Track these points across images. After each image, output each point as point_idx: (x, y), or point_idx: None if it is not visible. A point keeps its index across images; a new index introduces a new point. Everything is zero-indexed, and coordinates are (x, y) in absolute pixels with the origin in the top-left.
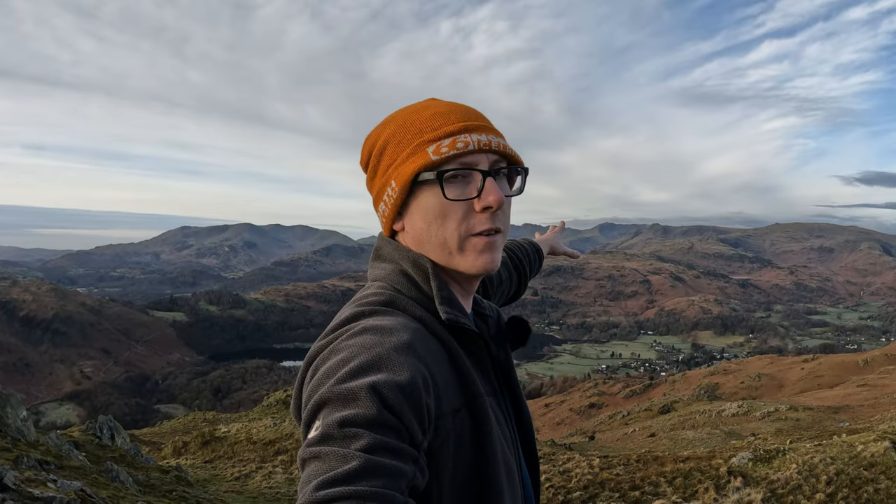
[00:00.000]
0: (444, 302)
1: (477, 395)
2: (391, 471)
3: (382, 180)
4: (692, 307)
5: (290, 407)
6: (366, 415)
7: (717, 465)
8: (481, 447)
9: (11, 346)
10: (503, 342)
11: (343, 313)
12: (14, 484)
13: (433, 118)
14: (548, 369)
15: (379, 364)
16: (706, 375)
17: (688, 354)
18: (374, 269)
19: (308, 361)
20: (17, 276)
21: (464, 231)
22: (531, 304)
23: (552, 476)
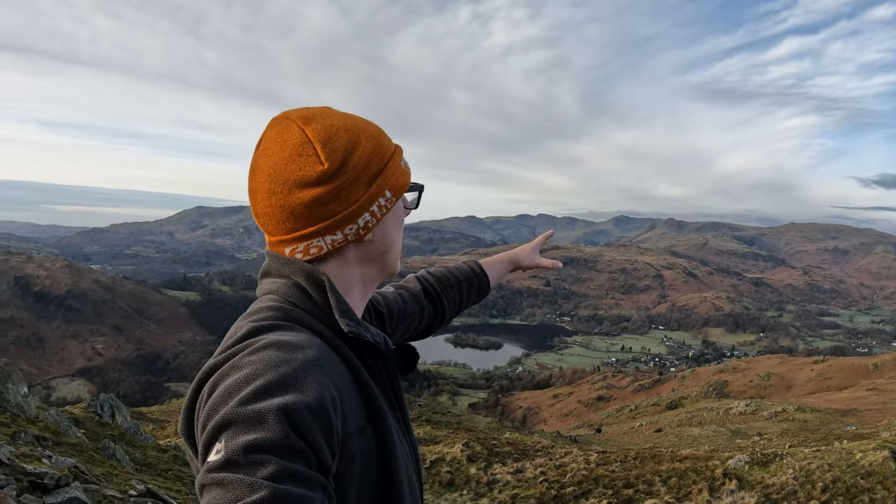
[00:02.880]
0: (344, 315)
1: (381, 412)
2: (299, 500)
3: (374, 189)
4: (704, 304)
5: (179, 427)
6: (274, 440)
7: (714, 466)
8: (387, 464)
9: (24, 321)
10: (393, 368)
11: (238, 329)
12: (8, 459)
13: (383, 134)
14: (557, 360)
15: (287, 383)
16: (715, 373)
17: (698, 351)
18: (264, 285)
19: (202, 377)
20: (32, 251)
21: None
22: (542, 295)
23: (547, 470)
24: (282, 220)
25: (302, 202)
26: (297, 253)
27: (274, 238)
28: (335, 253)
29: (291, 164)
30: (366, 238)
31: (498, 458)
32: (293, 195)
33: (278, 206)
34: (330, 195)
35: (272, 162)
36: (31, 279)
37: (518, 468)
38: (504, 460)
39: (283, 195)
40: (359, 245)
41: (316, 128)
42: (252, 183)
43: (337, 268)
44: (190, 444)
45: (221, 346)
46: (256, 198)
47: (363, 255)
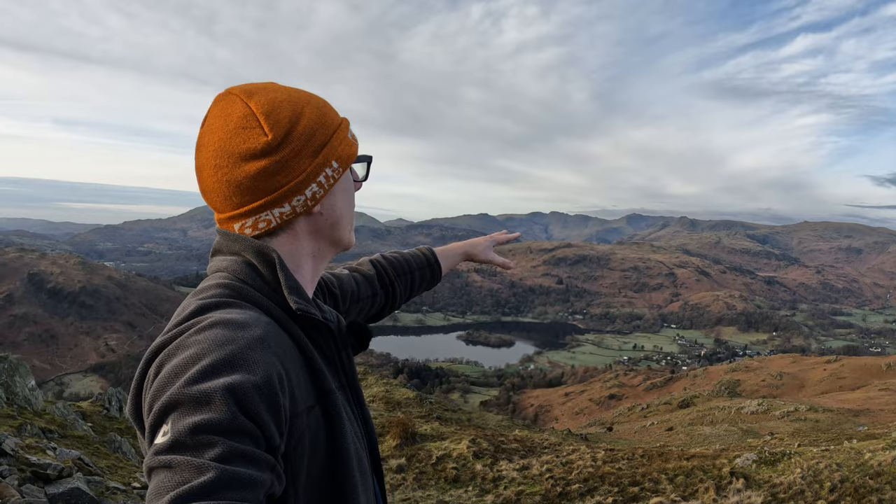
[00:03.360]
0: (293, 292)
1: (330, 392)
2: (248, 481)
3: (320, 160)
4: (717, 302)
5: (127, 409)
6: (221, 420)
7: (721, 465)
8: (336, 444)
9: (38, 317)
10: (346, 346)
11: (186, 307)
12: (12, 450)
13: (328, 106)
14: (569, 358)
15: (233, 362)
16: (727, 372)
17: (710, 350)
18: (214, 262)
19: (149, 357)
20: (46, 248)
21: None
22: (555, 293)
23: (553, 467)
24: (229, 195)
25: (247, 175)
26: (246, 228)
27: (222, 214)
28: (285, 227)
29: (235, 138)
30: (314, 210)
31: (504, 454)
32: (238, 169)
33: (224, 180)
34: (275, 167)
35: (216, 137)
36: (45, 276)
37: (524, 465)
38: (510, 457)
39: (228, 169)
40: (308, 218)
41: (259, 100)
42: (198, 160)
43: (287, 242)
44: (138, 425)
45: (169, 324)
46: (203, 174)
47: (313, 227)
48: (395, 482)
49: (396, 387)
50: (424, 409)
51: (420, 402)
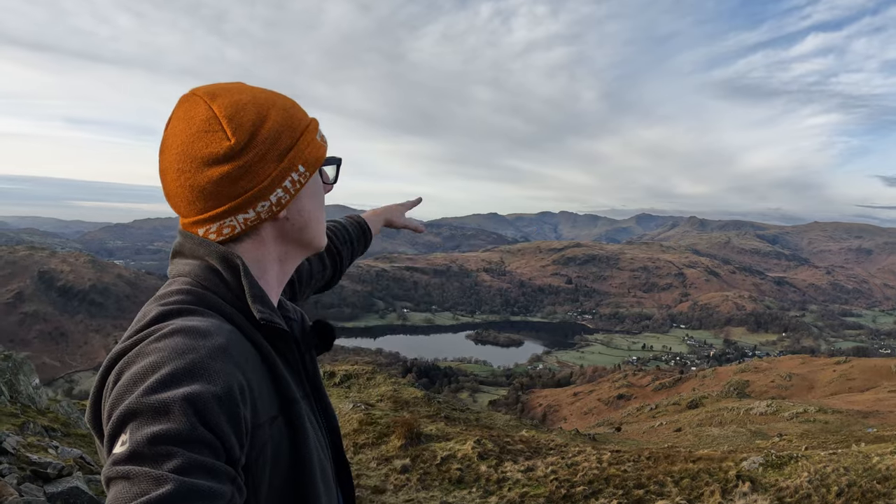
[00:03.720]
0: (256, 301)
1: (293, 401)
2: (208, 493)
3: (285, 164)
4: (726, 302)
5: (87, 416)
6: (179, 431)
7: (727, 467)
8: (298, 454)
9: (48, 315)
10: (309, 346)
11: (148, 313)
12: (13, 449)
13: (296, 108)
14: (578, 358)
15: (193, 372)
16: (737, 372)
17: (719, 350)
18: (176, 266)
19: (108, 365)
20: (56, 247)
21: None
22: (564, 293)
23: (559, 469)
24: (192, 199)
25: (210, 180)
26: (210, 234)
27: (186, 219)
28: (250, 232)
29: (198, 142)
30: (280, 215)
31: (510, 455)
32: (201, 173)
33: (187, 185)
34: (238, 172)
35: (179, 140)
36: (55, 274)
37: (529, 466)
38: (516, 458)
39: (191, 174)
40: (274, 223)
41: (222, 103)
42: (161, 163)
43: (253, 248)
44: (97, 433)
45: (129, 330)
46: (166, 178)
47: (280, 232)
48: (399, 483)
49: (405, 386)
50: (432, 408)
51: (428, 402)
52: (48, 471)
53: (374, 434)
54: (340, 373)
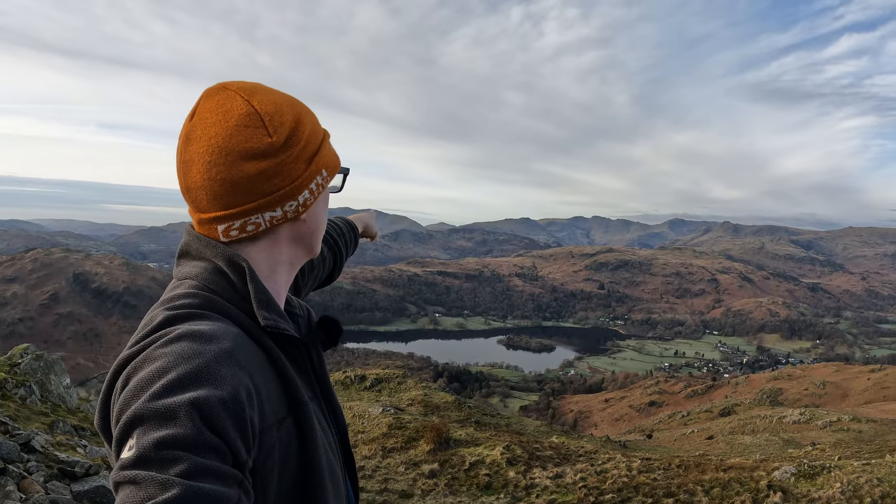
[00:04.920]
0: (262, 306)
1: (301, 403)
2: (214, 497)
3: (314, 167)
4: (760, 309)
5: (95, 421)
6: (186, 436)
7: (759, 477)
8: (307, 456)
9: (83, 316)
10: (316, 343)
11: (154, 318)
12: (42, 447)
13: (315, 115)
14: (610, 364)
15: (199, 377)
16: (769, 380)
17: (752, 357)
18: (182, 267)
19: (116, 370)
20: (91, 249)
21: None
22: (596, 298)
23: (587, 476)
24: (220, 193)
25: (245, 175)
26: (232, 230)
27: (207, 214)
28: (269, 231)
29: (237, 135)
30: (301, 217)
31: (538, 461)
32: (237, 167)
33: (219, 178)
34: (275, 169)
35: (214, 132)
36: (90, 276)
37: (558, 473)
38: (544, 465)
39: (225, 167)
40: (293, 224)
41: (262, 100)
42: (185, 154)
43: (267, 247)
44: (106, 438)
45: (136, 334)
46: (190, 170)
47: (295, 234)
48: (426, 487)
49: (435, 391)
50: (463, 413)
51: (458, 407)
52: (75, 469)
53: (402, 438)
54: (371, 377)
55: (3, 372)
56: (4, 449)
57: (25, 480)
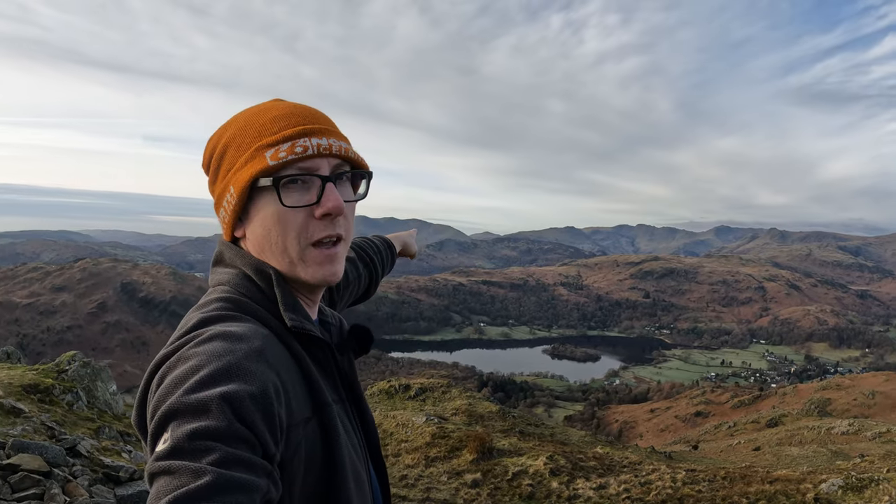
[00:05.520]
0: (288, 308)
1: (325, 404)
2: (245, 486)
3: (222, 185)
4: (807, 317)
5: (133, 418)
6: (217, 427)
7: (805, 489)
8: (331, 457)
9: (130, 325)
10: (347, 351)
11: (189, 320)
12: (87, 452)
13: (273, 121)
14: (655, 374)
15: (230, 373)
16: (818, 390)
17: (800, 366)
18: (216, 274)
19: (153, 369)
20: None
21: (304, 240)
22: (641, 307)
23: (631, 487)
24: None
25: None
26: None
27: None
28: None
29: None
30: (236, 234)
31: (582, 472)
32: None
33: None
34: (211, 187)
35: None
36: (137, 285)
37: (601, 484)
38: (588, 475)
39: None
40: (245, 241)
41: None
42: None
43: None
44: (142, 434)
45: (172, 336)
46: (213, 191)
47: (254, 251)
48: (469, 497)
49: (480, 400)
50: (507, 423)
51: (503, 416)
52: (119, 474)
53: (445, 448)
54: (416, 386)
55: (51, 378)
56: (50, 453)
57: (70, 484)
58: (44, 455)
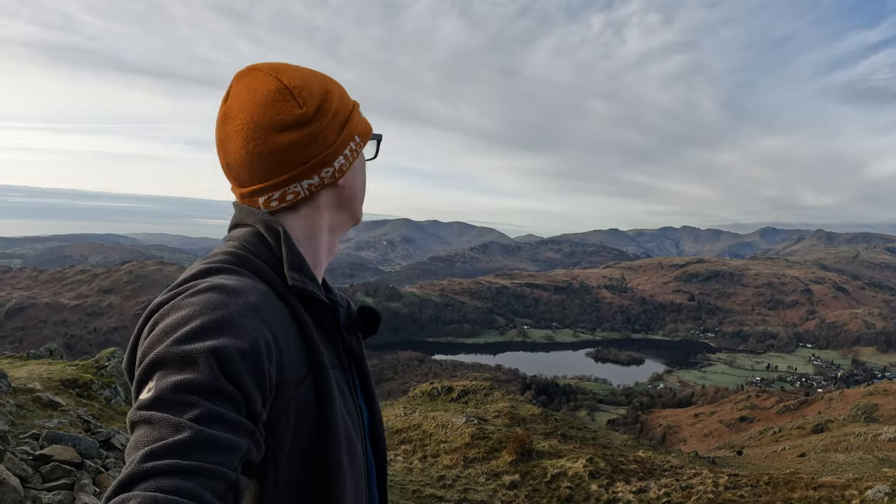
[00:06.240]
0: (292, 268)
1: (322, 367)
2: (224, 445)
3: (345, 135)
4: (855, 320)
5: (123, 363)
6: (202, 381)
7: (850, 496)
8: (324, 419)
9: None
10: (355, 330)
11: (191, 269)
12: (121, 445)
13: (341, 86)
14: (700, 378)
15: (221, 326)
16: (865, 395)
17: (847, 371)
18: (229, 234)
19: (147, 316)
20: (184, 262)
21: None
22: (686, 310)
23: (672, 491)
24: (258, 167)
25: (279, 146)
26: (272, 201)
27: (247, 188)
28: (309, 199)
29: (269, 110)
30: (339, 182)
31: (622, 475)
32: (271, 139)
33: (255, 152)
34: (308, 139)
35: (247, 109)
36: None
37: (641, 487)
38: (628, 479)
39: (259, 141)
40: (331, 190)
41: (289, 75)
42: (222, 132)
43: (307, 214)
44: (131, 379)
45: (172, 283)
46: (228, 147)
47: (335, 199)
48: (506, 499)
49: (522, 403)
50: (549, 426)
51: (545, 419)
52: None
53: (485, 449)
54: (458, 388)
55: (90, 374)
56: (83, 445)
57: (102, 475)
58: (77, 447)
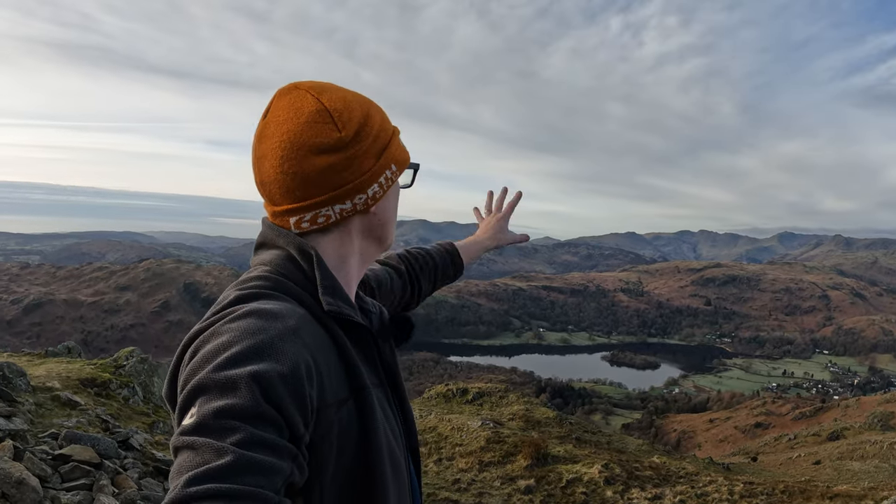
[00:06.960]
0: (326, 292)
1: (364, 387)
2: (266, 468)
3: (382, 162)
4: (872, 327)
5: (164, 391)
6: (244, 406)
7: None
8: (367, 440)
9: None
10: (388, 338)
11: (226, 297)
12: (140, 445)
13: (385, 112)
14: (715, 383)
15: (262, 351)
16: (881, 403)
17: (864, 378)
18: (258, 256)
19: (186, 343)
20: (201, 260)
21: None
22: (702, 315)
23: (687, 499)
24: (292, 187)
25: (316, 169)
26: (304, 222)
27: (280, 207)
28: (340, 223)
29: (308, 131)
30: (371, 209)
31: (637, 482)
32: (308, 161)
33: (291, 172)
34: (344, 163)
35: (286, 129)
36: (200, 286)
37: (656, 494)
38: (643, 485)
39: (296, 161)
40: (363, 216)
41: (331, 97)
42: (259, 150)
43: (338, 239)
44: (171, 407)
45: (209, 311)
46: (264, 165)
47: (366, 226)
48: (521, 503)
49: (537, 406)
50: (564, 429)
51: (560, 423)
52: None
53: (500, 453)
54: (473, 390)
55: (108, 373)
56: (102, 445)
57: (120, 476)
58: (95, 447)
